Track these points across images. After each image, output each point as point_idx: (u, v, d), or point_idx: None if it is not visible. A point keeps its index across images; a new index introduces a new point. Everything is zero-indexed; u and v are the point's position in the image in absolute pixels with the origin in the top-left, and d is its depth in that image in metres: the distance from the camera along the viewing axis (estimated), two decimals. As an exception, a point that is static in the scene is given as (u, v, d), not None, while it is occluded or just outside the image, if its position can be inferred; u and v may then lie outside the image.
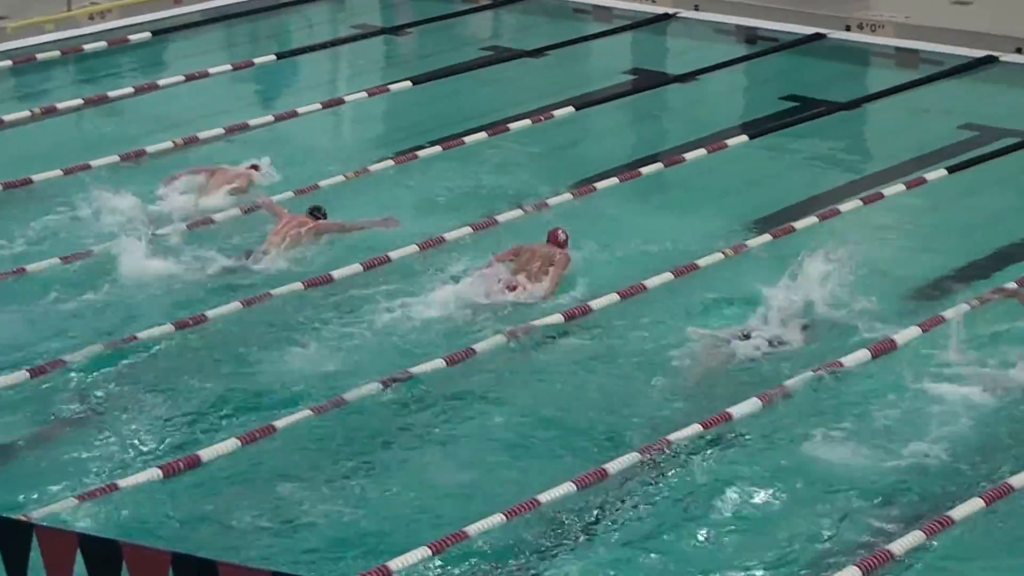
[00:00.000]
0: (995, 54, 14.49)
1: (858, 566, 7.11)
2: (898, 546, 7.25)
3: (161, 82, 13.91)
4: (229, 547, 7.28)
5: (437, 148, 12.36)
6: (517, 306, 9.66)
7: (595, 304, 9.65)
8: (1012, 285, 9.72)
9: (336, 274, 10.07)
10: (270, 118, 13.01)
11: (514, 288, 9.74)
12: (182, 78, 13.93)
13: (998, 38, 14.62)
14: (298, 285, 9.90)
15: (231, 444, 8.07)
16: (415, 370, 8.80)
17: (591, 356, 9.18)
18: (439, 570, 7.15)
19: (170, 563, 4.94)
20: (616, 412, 8.55)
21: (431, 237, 10.58)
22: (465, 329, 9.41)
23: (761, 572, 7.21)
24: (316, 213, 10.68)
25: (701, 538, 7.47)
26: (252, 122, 12.90)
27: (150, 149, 12.21)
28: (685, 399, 8.66)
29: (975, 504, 7.56)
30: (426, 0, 16.44)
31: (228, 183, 11.28)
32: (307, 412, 8.38)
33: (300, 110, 13.15)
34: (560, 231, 10.21)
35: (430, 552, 7.13)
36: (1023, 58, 14.41)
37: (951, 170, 11.91)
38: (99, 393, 8.70)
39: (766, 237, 10.65)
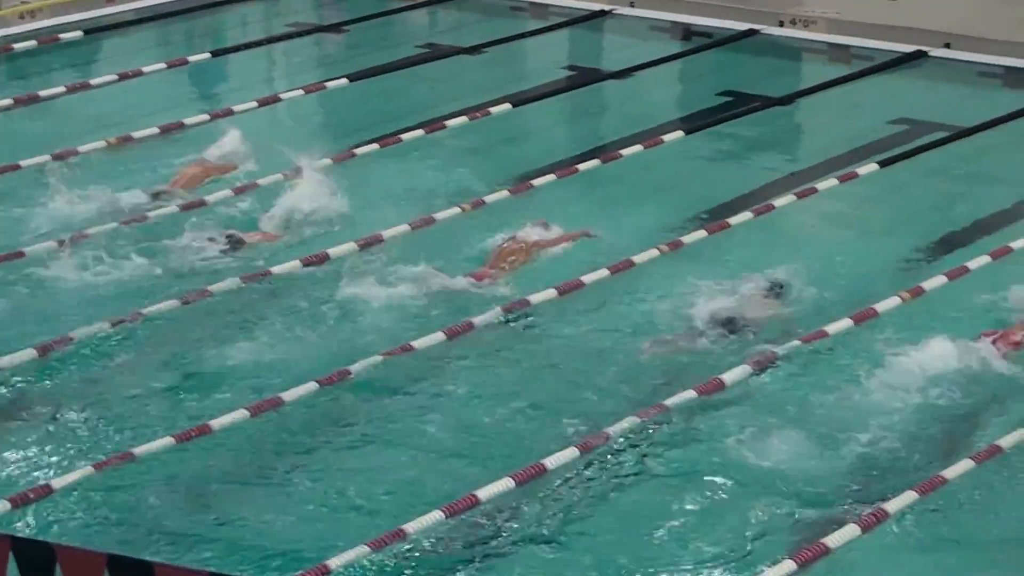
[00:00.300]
0: (924, 49, 14.68)
1: (793, 559, 7.18)
2: (833, 540, 7.32)
3: (94, 81, 13.79)
4: (165, 548, 7.26)
5: (374, 146, 12.36)
6: (457, 303, 9.70)
7: (533, 299, 9.69)
8: None
9: (275, 270, 10.06)
10: (205, 117, 12.95)
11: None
12: (115, 77, 13.82)
13: (927, 33, 14.82)
14: (236, 280, 9.88)
15: (165, 442, 8.04)
16: (354, 368, 8.80)
17: (529, 353, 9.23)
18: (378, 568, 7.17)
19: (105, 565, 4.92)
20: (553, 408, 8.60)
21: (369, 235, 10.59)
22: (404, 326, 9.41)
23: (694, 567, 7.27)
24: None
25: (635, 534, 7.52)
26: (187, 121, 12.84)
27: (82, 148, 12.12)
28: (624, 394, 8.72)
29: (909, 497, 7.64)
30: (362, -2, 16.45)
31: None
32: (244, 412, 8.37)
33: (236, 108, 13.10)
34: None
35: (369, 550, 7.13)
36: (952, 53, 14.60)
37: (882, 164, 12.06)
38: (32, 393, 8.65)
39: (702, 233, 10.74)
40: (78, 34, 15.08)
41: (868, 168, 11.96)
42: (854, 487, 7.84)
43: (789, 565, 7.13)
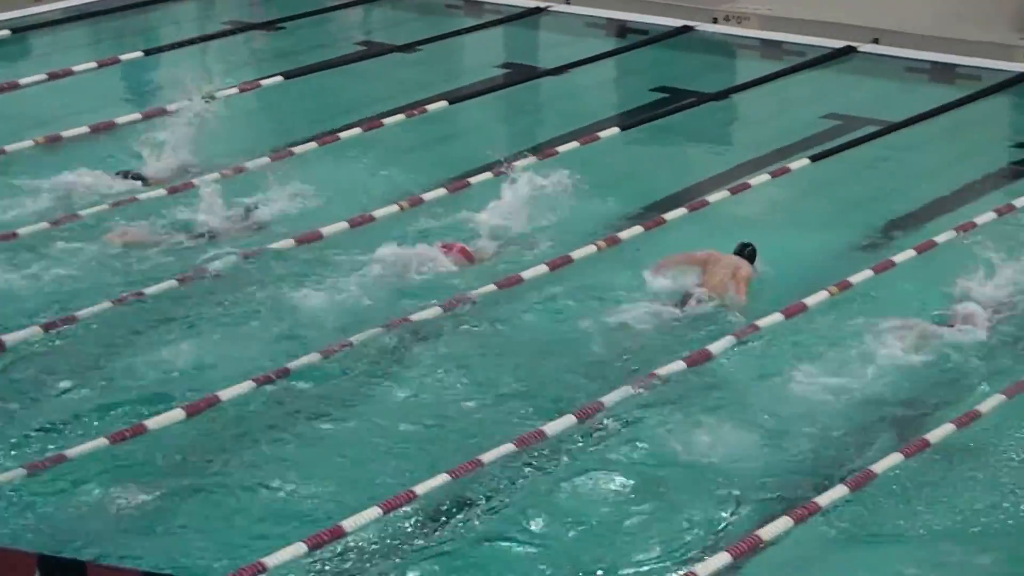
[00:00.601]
0: (854, 44, 14.88)
1: (728, 552, 7.26)
2: (767, 532, 7.41)
3: (23, 81, 13.67)
4: (97, 548, 7.24)
5: (312, 144, 12.35)
6: (397, 297, 9.74)
7: (474, 295, 9.74)
8: None
9: (212, 268, 10.05)
10: (138, 116, 12.88)
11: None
12: (45, 76, 13.71)
13: (856, 28, 15.02)
14: (173, 283, 9.86)
15: (100, 443, 8.02)
16: (292, 366, 8.80)
17: (466, 349, 9.26)
18: (316, 565, 7.19)
19: (37, 565, 4.90)
20: (492, 403, 8.64)
21: (308, 232, 10.59)
22: (344, 324, 9.43)
23: (630, 560, 7.33)
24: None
25: (573, 528, 7.57)
26: (119, 120, 12.76)
27: (9, 148, 12.01)
28: (563, 391, 8.77)
29: (840, 491, 7.74)
30: (297, -5, 16.41)
31: None
32: (179, 412, 8.36)
33: (169, 107, 13.05)
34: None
35: (306, 547, 7.16)
36: (880, 48, 14.81)
37: (814, 159, 12.21)
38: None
39: (638, 229, 10.82)
40: (6, 33, 14.95)
41: (800, 163, 12.12)
42: (788, 480, 7.93)
43: (724, 557, 7.22)
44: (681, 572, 7.17)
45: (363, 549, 7.33)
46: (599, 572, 7.25)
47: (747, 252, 9.92)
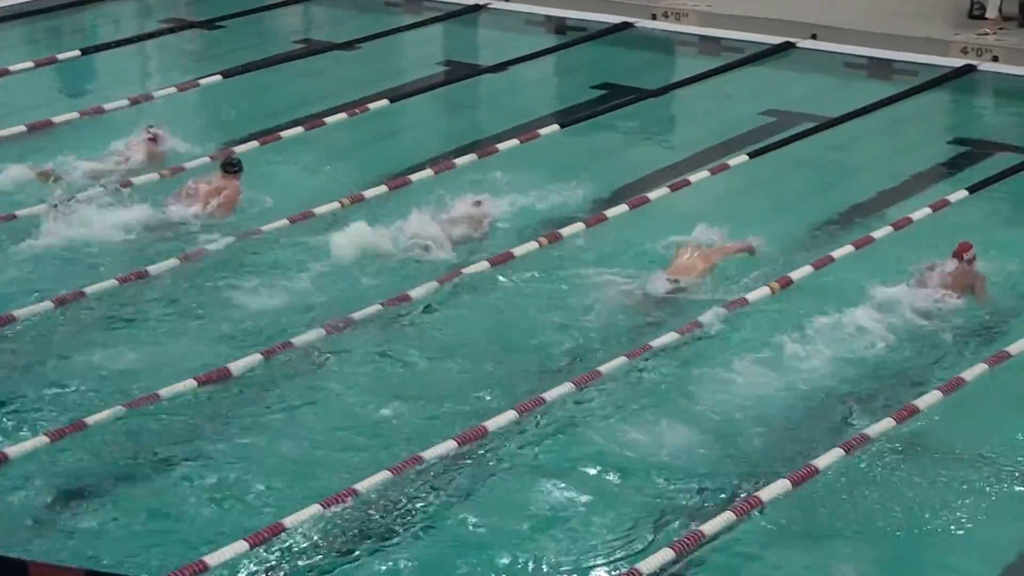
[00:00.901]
0: (792, 40, 15.02)
1: (672, 548, 7.30)
2: (709, 527, 7.45)
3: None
4: (39, 546, 7.21)
5: (253, 143, 12.31)
6: (332, 296, 9.73)
7: (413, 294, 9.72)
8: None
9: (152, 269, 10.00)
10: (75, 115, 12.79)
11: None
12: (-18, 75, 13.63)
13: (794, 24, 15.16)
14: (113, 282, 9.81)
15: (40, 441, 7.98)
16: (233, 367, 8.78)
17: (407, 347, 9.25)
18: (257, 562, 7.18)
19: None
20: (432, 402, 8.64)
21: (249, 229, 10.58)
22: (286, 321, 9.41)
23: (572, 556, 7.35)
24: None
25: (516, 527, 7.58)
26: (56, 119, 12.66)
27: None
28: (503, 386, 8.78)
29: (783, 485, 7.79)
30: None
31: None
32: (119, 408, 8.32)
33: (107, 107, 12.96)
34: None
35: (248, 546, 7.16)
36: (818, 44, 14.96)
37: (752, 155, 12.30)
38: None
39: (579, 226, 10.87)
40: (-58, 32, 14.82)
41: (739, 159, 12.21)
42: (730, 475, 7.98)
43: (667, 553, 7.25)
44: (624, 569, 7.20)
45: (304, 546, 7.32)
46: (542, 569, 7.26)
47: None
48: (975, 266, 9.83)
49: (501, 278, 10.11)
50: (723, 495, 7.83)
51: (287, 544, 7.31)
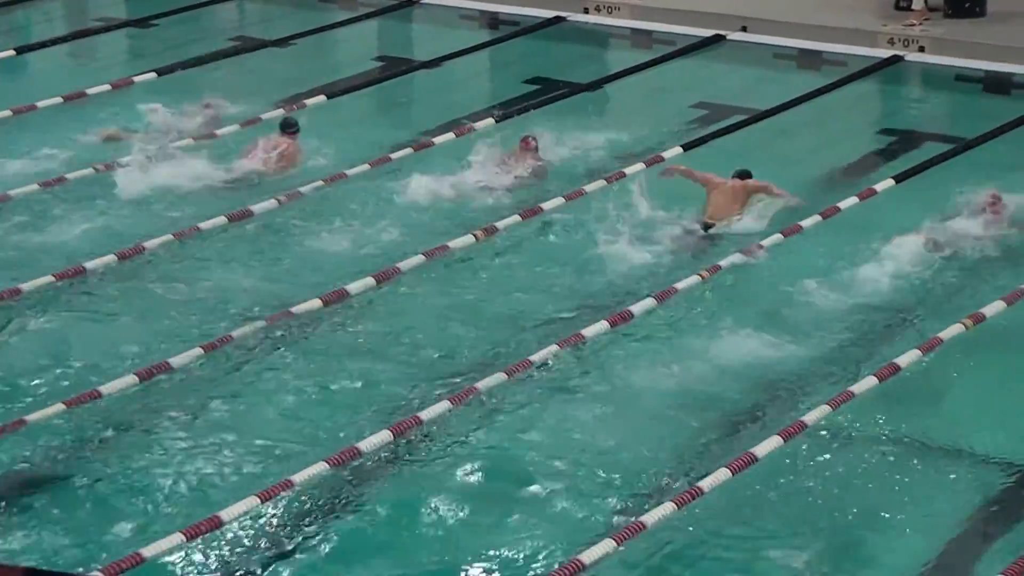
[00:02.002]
0: (723, 33, 15.22)
1: (612, 538, 7.37)
2: (650, 517, 7.52)
3: None
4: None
5: (188, 140, 12.32)
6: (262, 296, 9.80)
7: (351, 288, 9.77)
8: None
9: (89, 265, 9.99)
10: (8, 113, 12.74)
11: None
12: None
13: (725, 17, 15.36)
14: (49, 278, 9.80)
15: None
16: (174, 361, 8.84)
17: (346, 339, 9.34)
18: (193, 554, 7.24)
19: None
20: (366, 389, 8.73)
21: (185, 228, 10.62)
22: (216, 320, 9.46)
23: (514, 549, 7.40)
24: None
25: (456, 519, 7.65)
26: (-11, 116, 12.65)
27: None
28: (437, 376, 8.87)
29: (723, 474, 7.88)
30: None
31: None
32: (60, 406, 8.35)
33: (40, 104, 12.92)
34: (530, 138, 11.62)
35: (184, 538, 7.23)
36: (748, 36, 15.15)
37: (686, 147, 12.45)
38: None
39: (515, 218, 10.98)
40: None
41: (672, 152, 12.35)
42: (670, 466, 8.06)
43: (608, 544, 7.31)
44: (566, 560, 7.25)
45: (239, 538, 7.37)
46: (483, 561, 7.32)
47: (744, 175, 11.12)
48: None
49: (431, 271, 10.11)
50: (664, 486, 7.85)
51: (223, 536, 7.34)
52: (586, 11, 15.83)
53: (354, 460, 7.97)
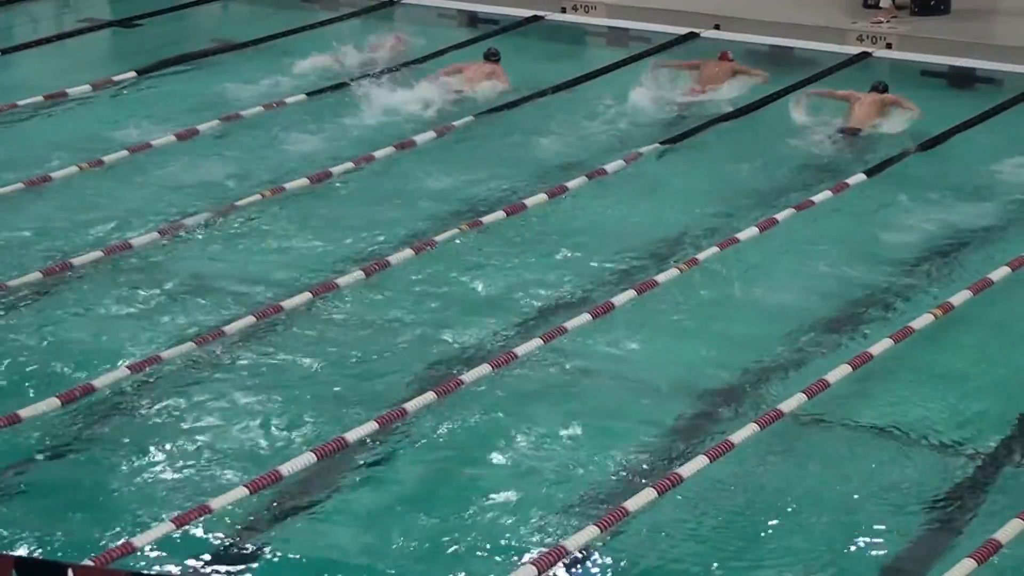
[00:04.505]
0: (696, 31, 15.47)
1: (596, 524, 7.41)
2: (632, 503, 7.56)
3: None
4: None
5: (170, 138, 12.43)
6: (222, 297, 9.90)
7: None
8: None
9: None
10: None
11: None
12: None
13: (698, 15, 15.63)
14: (37, 275, 9.89)
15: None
16: (165, 354, 8.97)
17: (330, 333, 9.47)
18: (184, 543, 7.35)
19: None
20: (351, 380, 8.88)
21: (168, 223, 10.78)
22: (186, 319, 9.55)
23: (495, 536, 7.48)
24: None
25: (450, 505, 7.74)
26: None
27: None
28: (415, 371, 8.98)
29: (701, 461, 7.97)
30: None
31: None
32: (54, 401, 8.44)
33: (21, 103, 13.02)
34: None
35: (174, 527, 7.37)
36: (720, 34, 15.42)
37: (663, 143, 12.64)
38: None
39: (500, 214, 11.10)
40: None
41: (649, 148, 12.53)
42: (651, 452, 8.18)
43: (592, 531, 7.40)
44: (550, 545, 7.33)
45: (229, 527, 7.48)
46: (466, 548, 7.42)
47: (881, 87, 13.02)
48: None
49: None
50: (646, 471, 7.97)
51: (212, 525, 7.44)
52: (563, 10, 16.05)
53: (341, 451, 8.05)
